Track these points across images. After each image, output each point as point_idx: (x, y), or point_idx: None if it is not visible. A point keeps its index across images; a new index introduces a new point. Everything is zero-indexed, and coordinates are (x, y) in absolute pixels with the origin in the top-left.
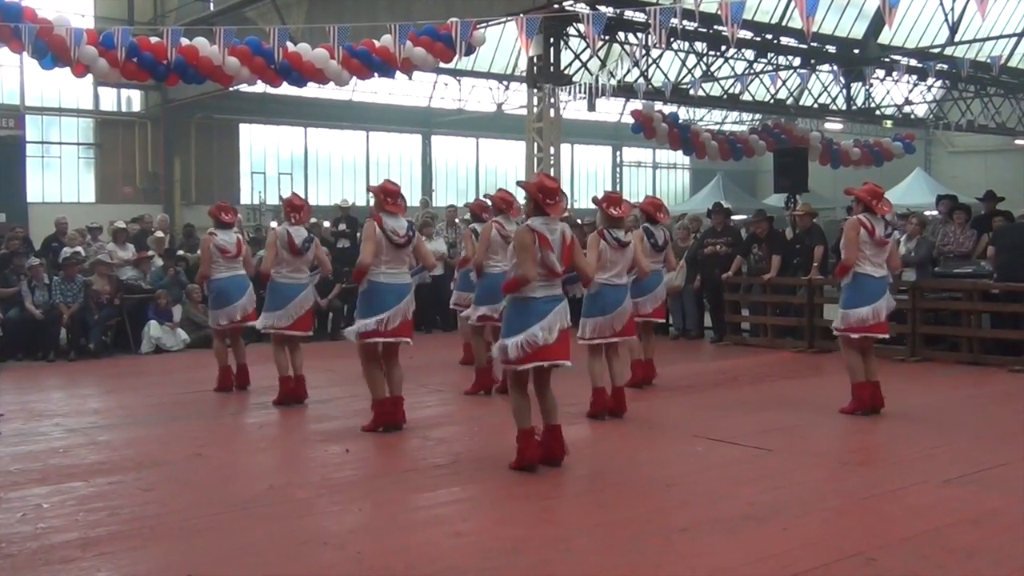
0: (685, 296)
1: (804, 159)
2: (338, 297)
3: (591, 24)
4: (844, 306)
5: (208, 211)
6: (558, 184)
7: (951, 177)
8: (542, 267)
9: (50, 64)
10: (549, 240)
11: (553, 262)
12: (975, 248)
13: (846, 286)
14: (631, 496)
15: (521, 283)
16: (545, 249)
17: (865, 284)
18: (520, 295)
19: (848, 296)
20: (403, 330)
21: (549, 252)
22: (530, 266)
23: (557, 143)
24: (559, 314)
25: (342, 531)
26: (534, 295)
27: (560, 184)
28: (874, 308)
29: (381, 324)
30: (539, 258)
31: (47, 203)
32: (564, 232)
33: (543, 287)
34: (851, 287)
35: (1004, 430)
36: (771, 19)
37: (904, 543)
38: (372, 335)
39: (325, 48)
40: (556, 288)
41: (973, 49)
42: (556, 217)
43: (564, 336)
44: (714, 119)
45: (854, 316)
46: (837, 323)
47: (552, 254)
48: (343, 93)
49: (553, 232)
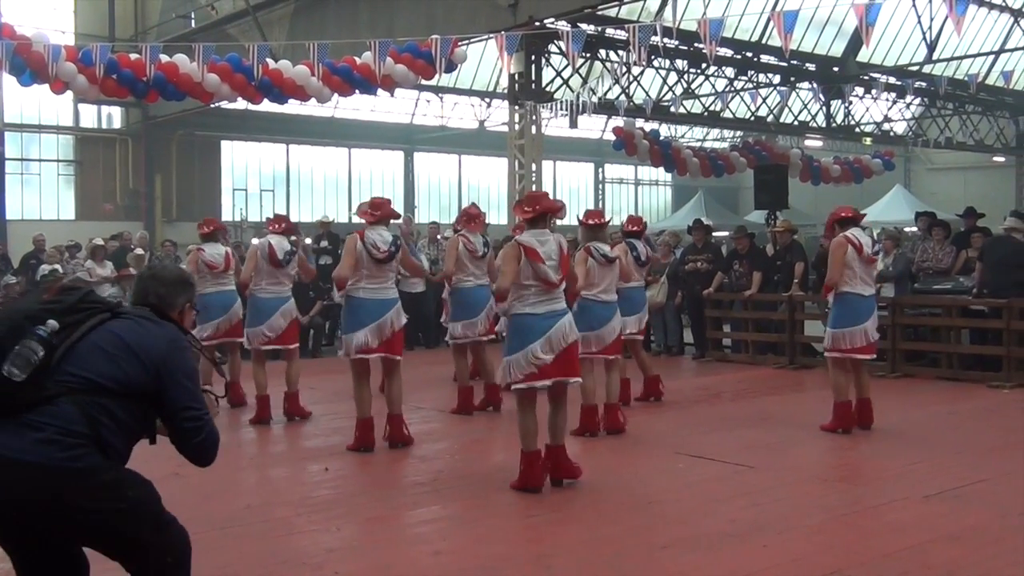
0: (666, 312)
1: (784, 176)
2: (319, 314)
3: (571, 42)
4: (833, 326)
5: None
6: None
7: (930, 194)
8: (536, 280)
9: (29, 81)
10: (540, 252)
11: (546, 273)
12: (954, 264)
13: (835, 305)
14: (612, 513)
15: (498, 297)
16: (535, 262)
17: (854, 303)
18: (520, 312)
19: (837, 315)
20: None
21: (540, 264)
22: (507, 280)
23: (539, 160)
24: (561, 329)
25: (321, 551)
26: (534, 311)
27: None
28: (864, 328)
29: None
30: (531, 272)
31: (26, 220)
32: (560, 243)
33: (543, 302)
34: (840, 306)
35: (984, 446)
36: (751, 37)
37: (884, 560)
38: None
39: (306, 65)
40: (557, 302)
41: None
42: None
43: (571, 351)
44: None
45: (842, 336)
46: (826, 343)
47: (544, 265)
48: (325, 110)
49: (545, 244)
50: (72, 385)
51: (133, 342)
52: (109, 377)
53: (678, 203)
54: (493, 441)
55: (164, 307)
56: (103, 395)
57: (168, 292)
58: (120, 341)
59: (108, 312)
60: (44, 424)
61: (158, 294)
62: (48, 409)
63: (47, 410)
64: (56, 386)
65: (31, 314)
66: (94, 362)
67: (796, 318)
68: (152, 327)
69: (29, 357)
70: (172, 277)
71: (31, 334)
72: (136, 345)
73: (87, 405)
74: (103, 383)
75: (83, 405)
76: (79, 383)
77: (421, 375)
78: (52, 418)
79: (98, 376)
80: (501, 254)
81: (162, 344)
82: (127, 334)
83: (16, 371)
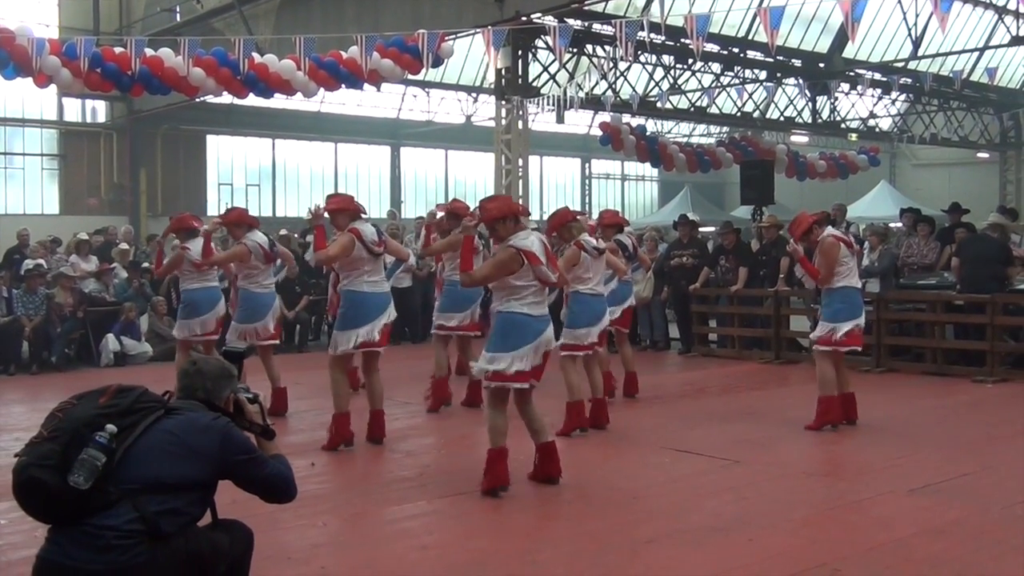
0: (652, 307)
1: (770, 172)
2: (305, 309)
3: (558, 36)
4: (832, 319)
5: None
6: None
7: (915, 190)
8: (535, 281)
9: (12, 74)
10: (535, 253)
11: (546, 274)
12: (939, 260)
13: (832, 299)
14: (598, 508)
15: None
16: (535, 265)
17: (851, 297)
18: (511, 311)
19: (837, 309)
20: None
21: (540, 266)
22: (489, 280)
23: (525, 155)
24: (549, 335)
25: (306, 546)
26: (530, 313)
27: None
28: (858, 322)
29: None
30: (533, 275)
31: (10, 215)
32: (543, 241)
33: (539, 304)
34: (838, 300)
35: (967, 440)
36: (737, 32)
37: (869, 553)
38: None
39: (292, 59)
40: (545, 306)
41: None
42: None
43: (547, 356)
44: (682, 132)
45: (841, 329)
46: (819, 334)
47: (542, 267)
48: (311, 104)
49: (532, 245)
50: (132, 487)
51: (189, 440)
52: (168, 475)
53: (664, 198)
54: (479, 436)
55: (212, 399)
56: (162, 492)
57: (215, 386)
58: (176, 439)
59: (162, 409)
60: (104, 530)
61: (206, 388)
62: (108, 513)
63: (106, 514)
64: (117, 491)
65: (89, 421)
66: (153, 462)
67: (782, 313)
68: (203, 422)
69: (93, 465)
70: (216, 371)
71: (93, 442)
72: (192, 443)
73: (145, 503)
74: (162, 481)
75: (141, 504)
76: (139, 484)
77: (407, 370)
78: (110, 523)
79: (157, 476)
80: (500, 256)
81: (215, 439)
82: (182, 432)
83: (82, 480)
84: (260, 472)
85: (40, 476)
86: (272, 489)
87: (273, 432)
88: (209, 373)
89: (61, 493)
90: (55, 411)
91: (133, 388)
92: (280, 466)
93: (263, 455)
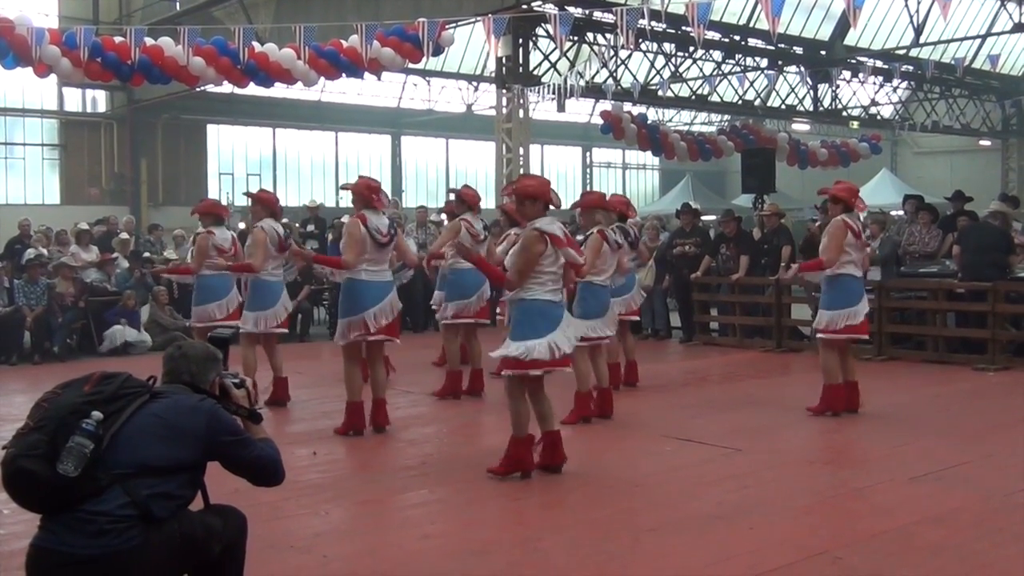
0: (654, 296)
1: (772, 160)
2: (307, 299)
3: (559, 25)
4: (829, 307)
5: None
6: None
7: (917, 177)
8: (554, 269)
9: (12, 64)
10: (560, 237)
11: (574, 256)
12: (940, 248)
13: (830, 287)
14: (599, 496)
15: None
16: (561, 248)
17: (850, 285)
18: (535, 298)
19: (834, 297)
20: (389, 329)
21: (566, 248)
22: (527, 270)
23: (526, 144)
24: (568, 320)
25: (309, 534)
26: (552, 299)
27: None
28: (858, 309)
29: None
30: (558, 258)
31: (11, 205)
32: (563, 229)
33: (558, 290)
34: (836, 288)
35: (968, 428)
36: (739, 20)
37: (870, 541)
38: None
39: (292, 48)
40: (560, 294)
41: (938, 51)
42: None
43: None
44: (683, 120)
45: (840, 317)
46: (820, 323)
47: (568, 249)
48: (312, 93)
49: (556, 230)
50: (122, 472)
51: (176, 422)
52: (156, 458)
53: (666, 187)
54: (481, 425)
55: (197, 383)
56: (151, 475)
57: (200, 369)
58: (163, 422)
59: (147, 394)
60: (96, 515)
61: (191, 372)
62: (99, 499)
63: (98, 500)
64: (107, 476)
65: (75, 409)
66: (140, 446)
67: (783, 302)
68: (189, 403)
69: (81, 452)
70: (201, 355)
71: (80, 429)
72: (179, 424)
73: (136, 487)
74: (151, 464)
75: (132, 488)
76: (128, 469)
77: (409, 359)
78: (102, 508)
79: (145, 459)
80: (525, 242)
81: (201, 420)
82: (168, 414)
83: (71, 468)
84: (248, 454)
85: (29, 466)
86: (260, 471)
87: (260, 416)
88: (194, 357)
89: (51, 482)
90: (40, 401)
91: (117, 374)
92: (268, 448)
93: (250, 437)
